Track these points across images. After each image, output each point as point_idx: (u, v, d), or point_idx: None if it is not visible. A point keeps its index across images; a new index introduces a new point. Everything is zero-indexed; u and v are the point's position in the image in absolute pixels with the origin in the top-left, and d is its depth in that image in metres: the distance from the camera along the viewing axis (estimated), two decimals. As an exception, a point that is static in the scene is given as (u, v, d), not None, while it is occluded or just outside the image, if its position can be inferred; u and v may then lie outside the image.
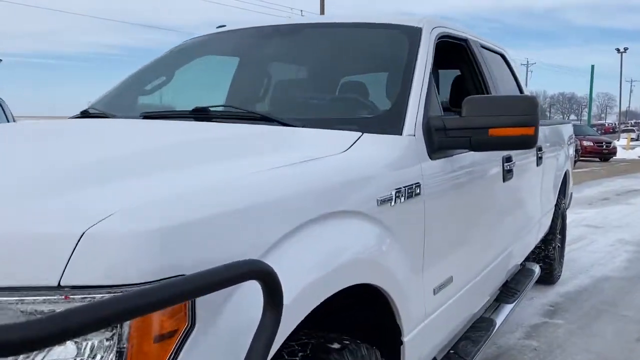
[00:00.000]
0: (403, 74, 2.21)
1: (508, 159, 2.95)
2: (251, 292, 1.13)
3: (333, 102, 2.29)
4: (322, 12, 26.36)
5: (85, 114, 2.59)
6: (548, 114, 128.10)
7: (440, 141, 2.11)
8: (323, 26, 2.59)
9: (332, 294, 1.38)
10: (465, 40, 3.01)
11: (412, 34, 2.43)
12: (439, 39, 2.56)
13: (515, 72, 3.97)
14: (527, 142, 2.10)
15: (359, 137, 1.83)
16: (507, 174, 2.92)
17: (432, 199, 2.01)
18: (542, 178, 4.00)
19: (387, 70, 2.35)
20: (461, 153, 2.30)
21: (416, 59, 2.27)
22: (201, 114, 2.17)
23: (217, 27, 3.18)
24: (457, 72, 3.27)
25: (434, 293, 2.09)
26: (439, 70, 3.34)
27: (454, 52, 3.06)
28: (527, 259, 4.22)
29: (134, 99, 2.90)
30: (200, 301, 1.05)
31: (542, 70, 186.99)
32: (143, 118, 2.31)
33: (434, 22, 2.59)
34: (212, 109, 2.17)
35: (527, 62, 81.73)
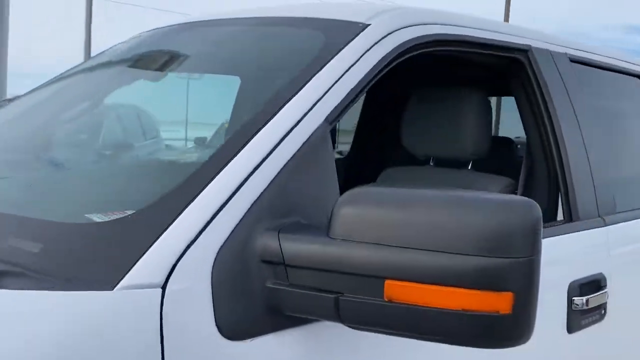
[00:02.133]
0: (242, 127, 1.01)
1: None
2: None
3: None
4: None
5: None
6: None
7: (270, 294, 0.87)
8: (218, 24, 1.47)
9: None
10: (526, 52, 1.64)
11: (334, 38, 1.20)
12: (419, 47, 1.28)
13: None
14: (489, 336, 0.78)
15: None
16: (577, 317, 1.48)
17: None
18: None
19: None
20: None
21: (295, 93, 1.05)
22: None
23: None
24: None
25: None
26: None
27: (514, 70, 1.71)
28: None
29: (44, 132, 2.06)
30: None
31: None
32: None
33: (407, 17, 1.30)
34: None
35: None
